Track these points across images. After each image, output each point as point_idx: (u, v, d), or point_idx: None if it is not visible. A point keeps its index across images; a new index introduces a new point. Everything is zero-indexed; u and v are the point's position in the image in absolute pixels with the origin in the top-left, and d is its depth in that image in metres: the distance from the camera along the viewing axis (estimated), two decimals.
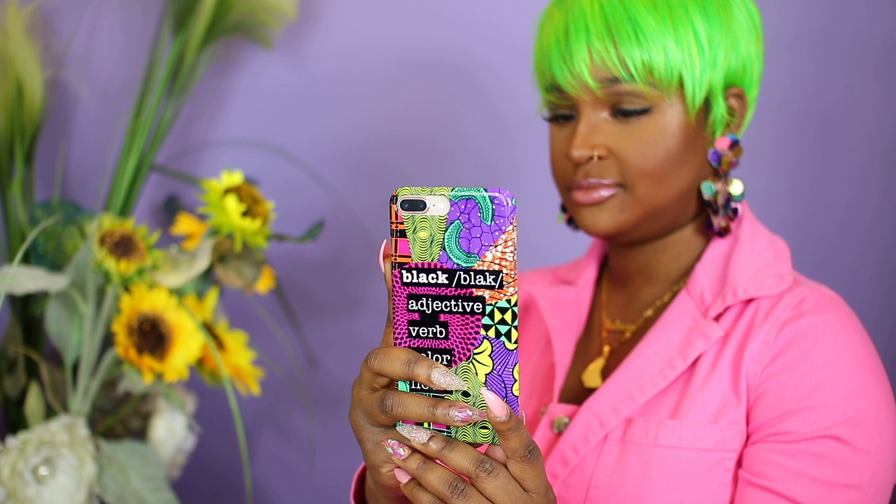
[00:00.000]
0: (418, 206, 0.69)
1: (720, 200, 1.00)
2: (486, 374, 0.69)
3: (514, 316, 0.68)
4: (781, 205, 1.51)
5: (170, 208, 1.56)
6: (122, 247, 1.20)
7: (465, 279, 0.68)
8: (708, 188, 0.99)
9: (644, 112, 0.95)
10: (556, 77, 0.98)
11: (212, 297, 1.30)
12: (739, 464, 0.91)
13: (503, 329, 0.68)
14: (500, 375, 0.69)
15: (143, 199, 1.59)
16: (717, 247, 1.01)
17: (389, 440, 0.73)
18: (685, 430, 0.92)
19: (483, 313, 0.68)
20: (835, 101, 1.49)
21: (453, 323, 0.69)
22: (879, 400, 0.90)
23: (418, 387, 0.72)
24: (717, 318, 0.97)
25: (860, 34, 1.47)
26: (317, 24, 1.59)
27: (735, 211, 1.00)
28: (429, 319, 0.70)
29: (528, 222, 1.22)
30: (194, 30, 1.43)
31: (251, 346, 1.34)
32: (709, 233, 1.02)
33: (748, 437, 0.92)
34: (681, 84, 0.95)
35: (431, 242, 0.69)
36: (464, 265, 0.68)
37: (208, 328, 1.28)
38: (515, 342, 0.68)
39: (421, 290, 0.70)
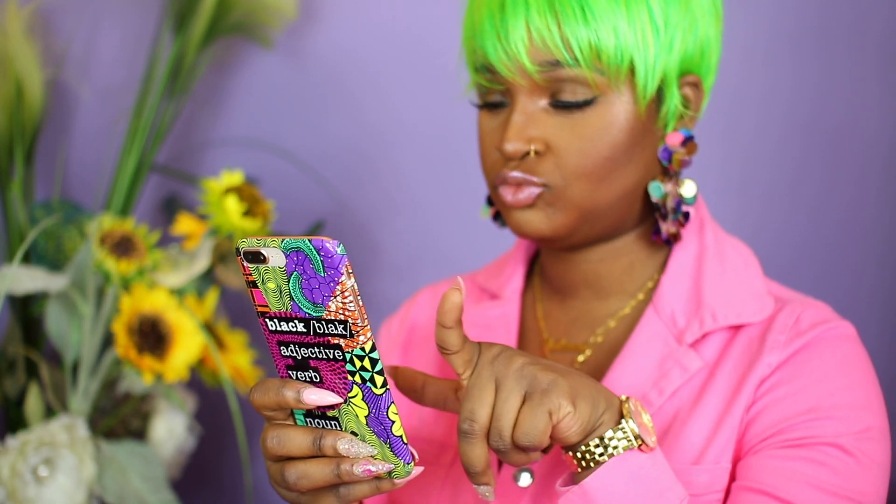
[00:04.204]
0: (258, 258, 0.67)
1: (670, 204, 0.88)
2: (365, 417, 0.68)
3: (374, 362, 0.66)
4: (783, 208, 1.51)
5: (170, 208, 1.56)
6: (122, 247, 1.20)
7: (319, 328, 0.67)
8: (657, 189, 0.87)
9: (588, 104, 0.83)
10: (488, 56, 0.84)
11: (212, 297, 1.30)
12: (726, 497, 0.83)
13: (366, 375, 0.67)
14: (377, 418, 0.68)
15: (143, 199, 1.59)
16: (682, 256, 0.90)
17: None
18: None
19: (345, 360, 0.67)
20: (835, 101, 1.49)
21: (323, 368, 0.68)
22: (882, 418, 0.83)
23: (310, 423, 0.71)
24: (694, 343, 0.86)
25: (859, 33, 1.47)
26: (317, 24, 1.58)
27: (686, 215, 0.88)
28: (301, 364, 0.69)
29: None
30: (194, 30, 1.43)
31: (251, 346, 1.34)
32: (655, 240, 0.90)
33: (740, 459, 0.83)
34: (631, 70, 0.83)
35: (281, 293, 0.67)
36: (314, 314, 0.66)
37: (208, 328, 1.28)
38: (383, 386, 0.67)
39: (287, 338, 0.69)
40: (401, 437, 0.68)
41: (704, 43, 0.86)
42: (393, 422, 0.68)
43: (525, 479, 0.86)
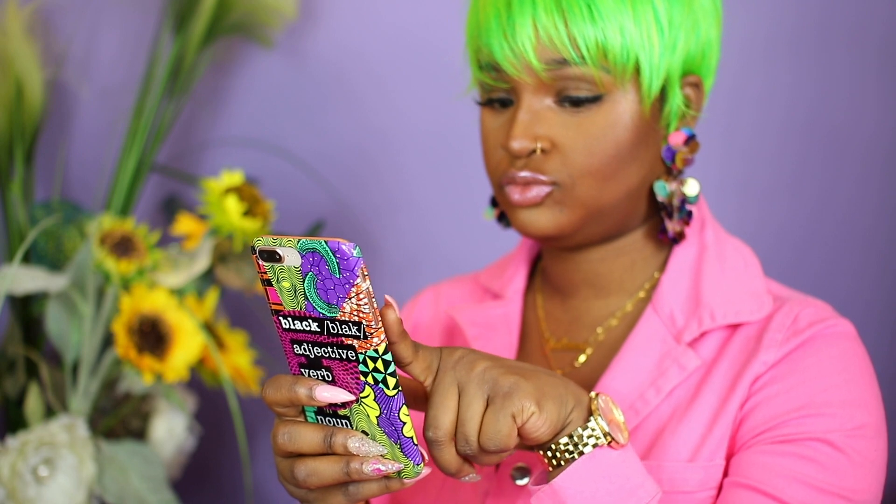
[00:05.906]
0: (274, 257, 0.67)
1: (675, 203, 0.88)
2: (376, 417, 0.68)
3: (387, 364, 0.67)
4: (783, 208, 1.51)
5: (170, 208, 1.56)
6: (122, 247, 1.20)
7: (332, 328, 0.67)
8: (662, 189, 0.88)
9: (594, 100, 0.84)
10: (494, 54, 0.84)
11: (212, 297, 1.30)
12: (718, 493, 0.83)
13: (378, 377, 0.67)
14: (388, 419, 0.68)
15: (143, 199, 1.59)
16: (683, 255, 0.90)
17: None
18: (665, 472, 0.82)
19: (358, 361, 0.67)
20: (835, 101, 1.49)
21: (336, 367, 0.69)
22: (878, 416, 0.83)
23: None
24: (693, 342, 0.87)
25: (859, 33, 1.47)
26: (317, 24, 1.59)
27: (690, 214, 0.89)
28: (314, 363, 0.69)
29: None
30: (194, 30, 1.43)
31: (251, 346, 1.34)
32: (662, 238, 0.91)
33: (733, 455, 0.83)
34: (637, 69, 0.84)
35: (295, 292, 0.67)
36: (328, 315, 0.67)
37: (208, 328, 1.28)
38: (395, 388, 0.67)
39: (300, 336, 0.69)
40: (411, 438, 0.68)
41: (706, 44, 0.87)
42: (404, 423, 0.68)
43: (523, 479, 0.87)
